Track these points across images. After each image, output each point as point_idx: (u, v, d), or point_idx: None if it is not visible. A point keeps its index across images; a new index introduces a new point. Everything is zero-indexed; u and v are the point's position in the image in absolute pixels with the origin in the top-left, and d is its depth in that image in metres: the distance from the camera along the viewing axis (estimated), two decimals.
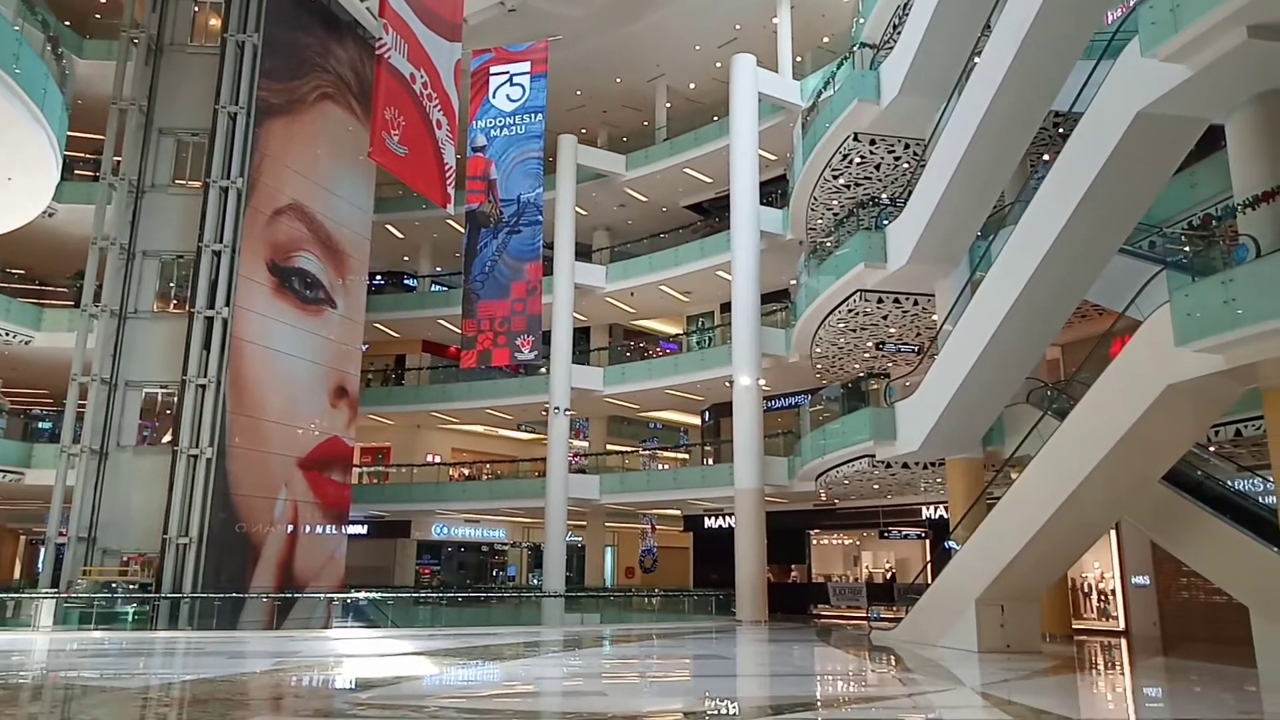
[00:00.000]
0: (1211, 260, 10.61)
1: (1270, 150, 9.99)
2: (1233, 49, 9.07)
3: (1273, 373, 9.75)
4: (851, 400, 20.30)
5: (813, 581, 27.29)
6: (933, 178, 15.64)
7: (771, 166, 26.36)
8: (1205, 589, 16.26)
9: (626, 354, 32.46)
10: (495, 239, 22.94)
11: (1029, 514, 12.51)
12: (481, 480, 32.13)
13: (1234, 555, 11.74)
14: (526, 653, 13.96)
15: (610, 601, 28.45)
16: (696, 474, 27.05)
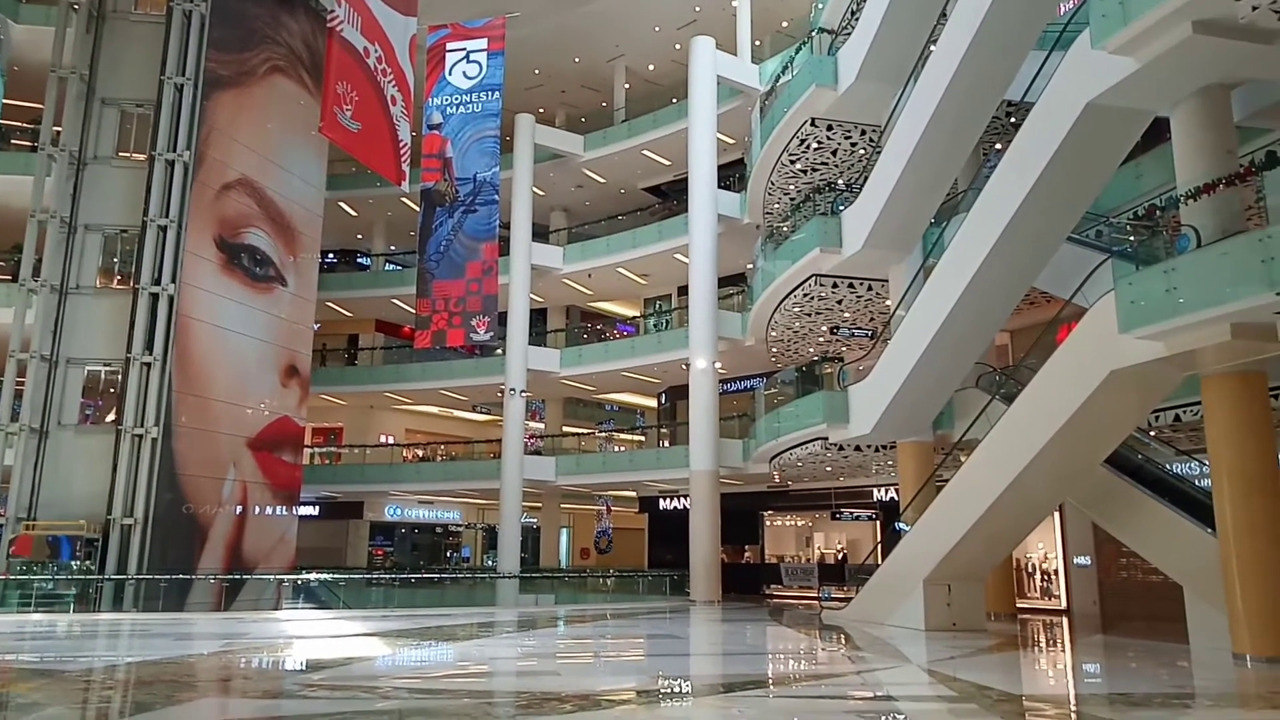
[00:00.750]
0: (1155, 250, 10.89)
1: (1212, 143, 10.27)
2: (1178, 43, 9.29)
3: (1211, 359, 10.07)
4: (806, 384, 20.52)
5: (766, 562, 27.62)
6: (888, 164, 15.80)
7: (730, 150, 26.40)
8: (1143, 569, 16.79)
9: (583, 336, 32.38)
10: (451, 218, 22.65)
11: (976, 496, 12.79)
12: (436, 461, 31.89)
13: (1170, 536, 12.15)
14: (480, 633, 13.94)
15: (565, 582, 28.50)
16: (652, 456, 27.15)
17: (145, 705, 6.85)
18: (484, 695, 7.73)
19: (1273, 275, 8.41)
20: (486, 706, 6.94)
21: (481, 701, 7.20)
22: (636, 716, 6.79)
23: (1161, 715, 7.24)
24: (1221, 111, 10.42)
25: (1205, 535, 11.18)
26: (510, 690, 8.36)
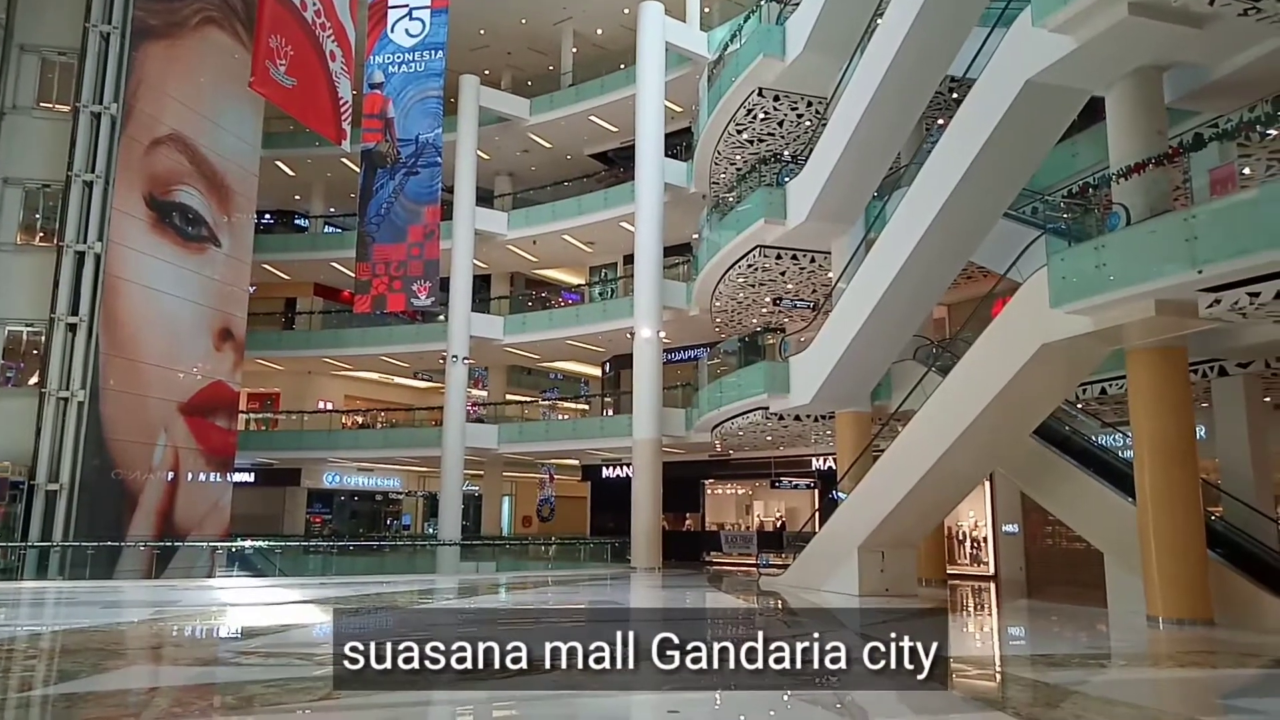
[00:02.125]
0: (1087, 227, 11.18)
1: (1144, 123, 10.55)
2: (1115, 23, 9.49)
3: (1136, 335, 10.42)
4: (748, 354, 20.68)
5: (706, 529, 27.96)
6: (833, 137, 15.89)
7: (678, 118, 26.26)
8: (1067, 536, 17.41)
9: (528, 303, 32.12)
10: (392, 180, 22.13)
11: (911, 465, 13.10)
12: (376, 428, 31.46)
13: (1093, 505, 12.61)
14: (421, 600, 13.89)
15: (506, 550, 28.49)
16: (596, 424, 27.16)
17: (70, 674, 6.69)
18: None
19: (1196, 254, 8.71)
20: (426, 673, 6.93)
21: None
22: (573, 678, 6.85)
23: (1079, 674, 7.56)
24: (1153, 93, 10.70)
25: (1126, 504, 11.63)
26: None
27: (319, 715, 5.47)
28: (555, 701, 5.91)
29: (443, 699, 6.04)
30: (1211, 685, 7.17)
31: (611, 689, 6.48)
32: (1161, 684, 7.27)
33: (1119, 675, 7.71)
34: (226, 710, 5.73)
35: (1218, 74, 10.85)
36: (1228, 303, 8.85)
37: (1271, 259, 8.19)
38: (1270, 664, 8.14)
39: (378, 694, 5.92)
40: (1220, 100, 11.36)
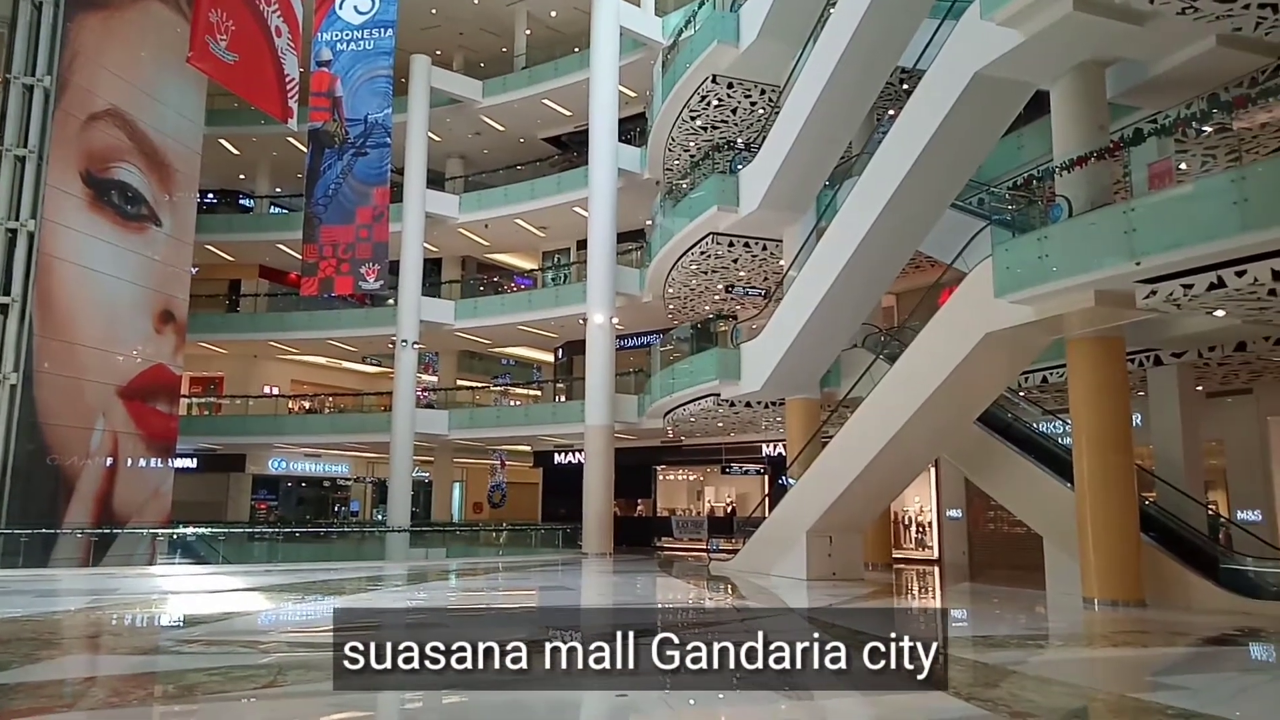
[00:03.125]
0: (1031, 219, 11.42)
1: (1087, 117, 10.80)
2: (1060, 18, 9.69)
3: (1076, 324, 10.69)
4: (700, 341, 20.78)
5: (658, 515, 28.08)
6: (785, 125, 15.97)
7: (632, 103, 26.15)
8: (1008, 521, 17.84)
9: (480, 288, 31.80)
10: (340, 160, 21.71)
11: (859, 451, 13.29)
12: (323, 414, 30.96)
13: (1034, 490, 12.94)
14: (369, 587, 13.74)
15: (457, 536, 28.30)
16: (548, 410, 27.06)
17: (2, 664, 6.49)
18: None
19: (1134, 246, 8.96)
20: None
21: None
22: (521, 665, 6.84)
23: (1018, 655, 7.77)
24: (1096, 88, 10.95)
25: (1064, 490, 11.94)
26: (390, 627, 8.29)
27: (262, 704, 5.38)
28: (504, 693, 5.90)
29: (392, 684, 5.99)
30: (1142, 664, 7.43)
31: (562, 674, 6.50)
32: (1095, 663, 7.51)
33: (1055, 655, 7.94)
34: (166, 699, 5.61)
35: (1157, 70, 11.13)
36: (1163, 294, 9.12)
37: (1205, 252, 8.45)
38: (1197, 642, 8.45)
39: (319, 683, 5.85)
40: (1159, 96, 11.66)
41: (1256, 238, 8.04)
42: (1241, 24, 9.43)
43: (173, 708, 5.44)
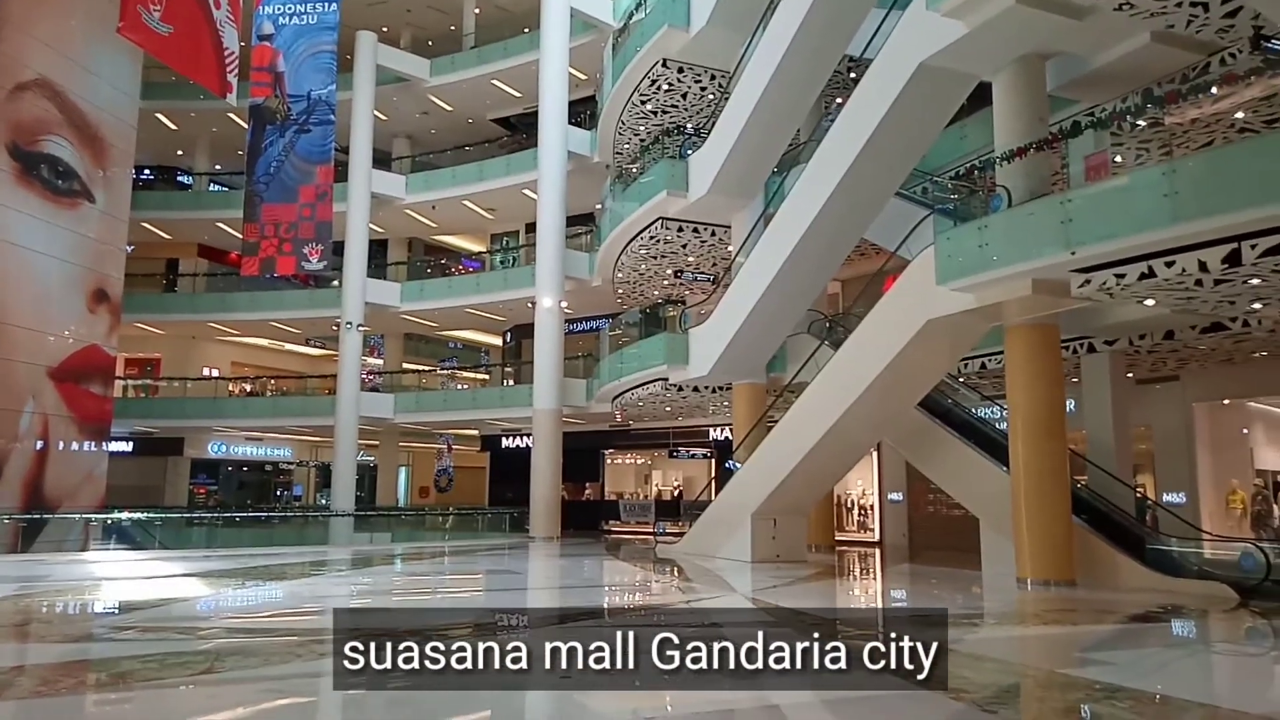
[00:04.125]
0: (972, 208, 11.65)
1: (1028, 109, 11.03)
2: (1003, 10, 9.87)
3: (1014, 312, 10.95)
4: (649, 326, 20.82)
5: (605, 499, 28.15)
6: (735, 111, 16.02)
7: (582, 86, 25.97)
8: (947, 504, 18.26)
9: (427, 270, 31.39)
10: (282, 137, 21.21)
11: (803, 435, 13.47)
12: (265, 396, 30.35)
13: (971, 474, 13.25)
14: (311, 572, 13.56)
15: (402, 521, 28.03)
16: (496, 394, 26.90)
17: None
18: (312, 633, 7.55)
19: (1070, 236, 9.20)
20: (313, 645, 6.79)
21: (308, 639, 7.03)
22: (466, 649, 6.83)
23: (954, 634, 7.97)
24: (1037, 80, 11.19)
25: (1000, 473, 12.26)
26: (340, 627, 8.21)
27: (199, 690, 5.29)
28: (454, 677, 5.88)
29: (329, 668, 5.94)
30: (1071, 641, 7.69)
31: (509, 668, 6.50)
32: (1027, 641, 7.75)
33: (989, 634, 8.17)
34: (99, 688, 5.48)
35: (1095, 65, 11.39)
36: (1097, 283, 9.39)
37: (1136, 243, 8.72)
38: (1124, 620, 8.78)
39: (258, 669, 5.78)
40: (1097, 90, 11.95)
41: (1185, 229, 8.31)
42: (1174, 21, 9.72)
43: (106, 696, 5.32)
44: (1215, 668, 6.92)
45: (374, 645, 4.45)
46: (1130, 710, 4.93)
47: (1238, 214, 7.89)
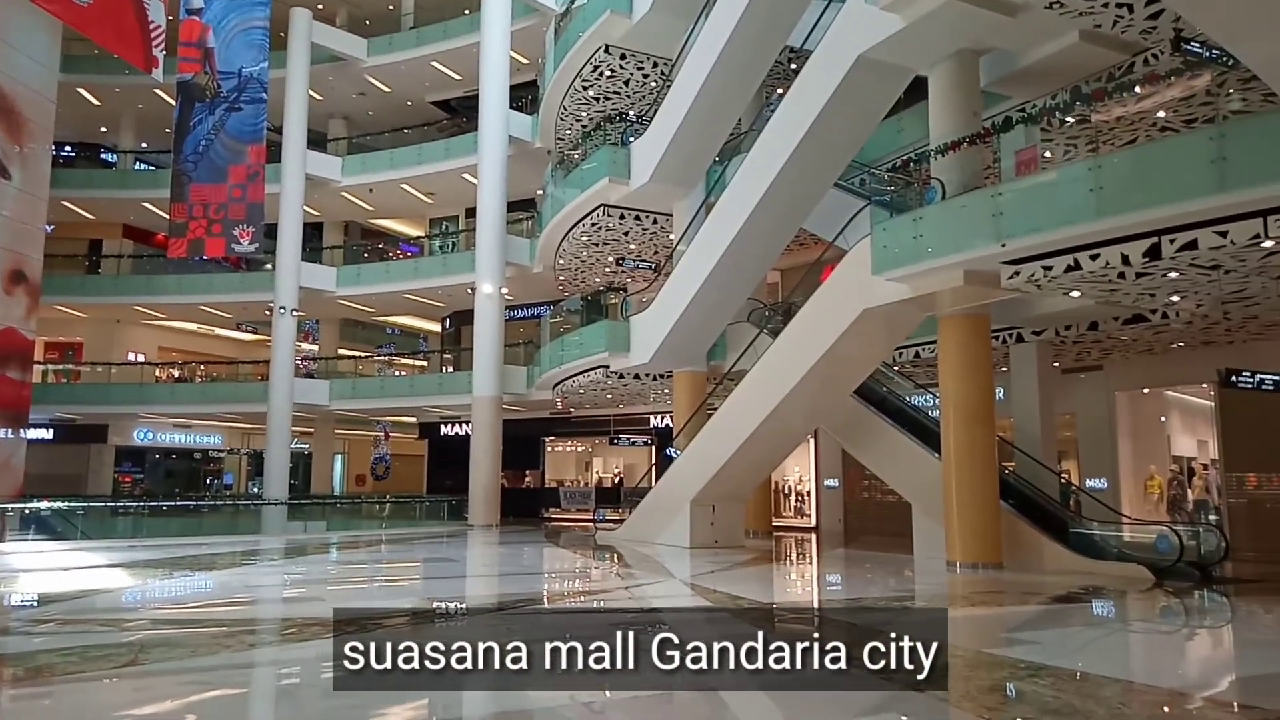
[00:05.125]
0: (908, 200, 11.86)
1: (962, 104, 11.27)
2: (939, 5, 10.05)
3: (946, 302, 11.20)
4: (591, 313, 20.76)
5: (546, 486, 28.06)
6: (677, 100, 16.03)
7: (524, 70, 25.70)
8: (881, 490, 18.65)
9: (364, 254, 30.80)
10: (212, 115, 20.55)
11: (742, 422, 13.61)
12: (195, 382, 29.50)
13: (904, 460, 13.56)
14: (242, 561, 13.26)
15: (338, 509, 27.56)
16: (434, 381, 26.58)
17: None
18: (241, 624, 7.40)
19: (1000, 229, 9.44)
20: (244, 635, 6.65)
21: (237, 630, 6.88)
22: (402, 638, 6.75)
23: (886, 615, 8.16)
24: (971, 76, 11.44)
25: (932, 459, 12.57)
26: (271, 617, 8.05)
27: (122, 683, 5.13)
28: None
29: (259, 659, 5.83)
30: (998, 621, 7.93)
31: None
32: (956, 622, 7.97)
33: (918, 615, 8.37)
34: (14, 683, 5.28)
35: (1027, 62, 11.69)
36: (1025, 275, 9.66)
37: (1063, 236, 8.99)
38: (1047, 601, 9.09)
39: (184, 660, 5.64)
40: (1028, 87, 12.26)
41: (1109, 224, 8.59)
42: (1101, 21, 10.01)
43: (21, 691, 5.12)
44: (1132, 646, 7.21)
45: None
46: (1052, 688, 5.11)
47: (1158, 210, 8.18)
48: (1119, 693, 5.05)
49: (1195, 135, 8.30)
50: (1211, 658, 6.86)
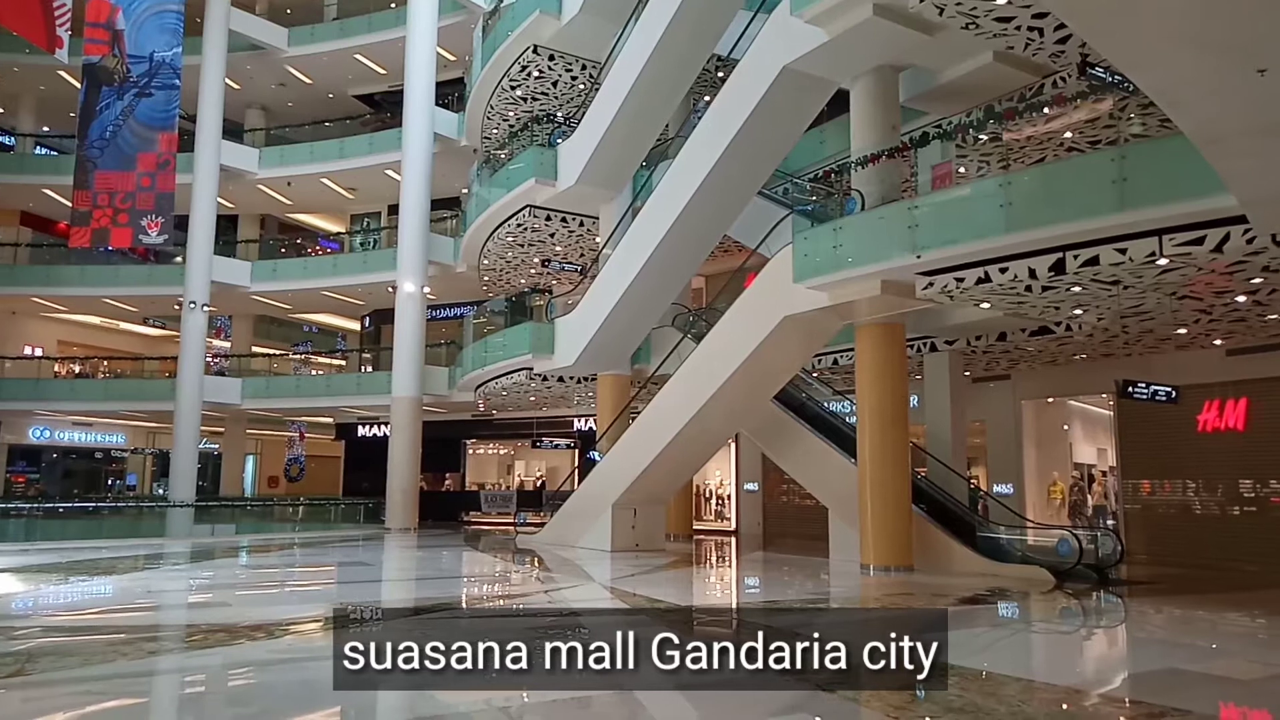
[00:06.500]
0: (829, 210, 12.11)
1: (882, 118, 11.57)
2: (861, 21, 10.31)
3: (864, 311, 11.48)
4: (515, 314, 20.61)
5: (466, 490, 27.73)
6: (604, 103, 16.05)
7: (451, 67, 25.38)
8: (799, 494, 18.98)
9: (281, 249, 29.92)
10: (120, 100, 19.70)
11: (664, 426, 13.69)
12: (97, 378, 28.20)
13: (821, 465, 13.82)
14: (145, 566, 12.73)
15: (249, 512, 26.72)
16: (352, 381, 26.00)
17: None
18: (141, 630, 7.09)
19: (916, 241, 9.72)
20: (143, 642, 6.38)
21: (136, 637, 6.60)
22: (313, 643, 6.58)
23: (801, 619, 8.30)
24: (891, 91, 11.75)
25: (848, 464, 12.85)
26: (174, 624, 7.75)
27: (6, 695, 4.86)
28: (293, 667, 5.65)
29: (161, 666, 5.59)
30: (906, 623, 8.14)
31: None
32: (868, 624, 8.14)
33: (833, 618, 8.55)
34: None
35: (944, 79, 12.06)
36: (939, 286, 9.96)
37: (975, 249, 9.30)
38: (955, 602, 9.36)
39: (76, 669, 5.37)
40: (945, 104, 12.66)
41: (1018, 239, 8.93)
42: (1014, 43, 10.40)
43: None
44: (1033, 645, 7.49)
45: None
46: (957, 687, 5.27)
47: (1063, 226, 8.54)
48: (1020, 691, 5.24)
49: (1098, 156, 8.69)
50: (1106, 656, 7.18)
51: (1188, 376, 13.44)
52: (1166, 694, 5.26)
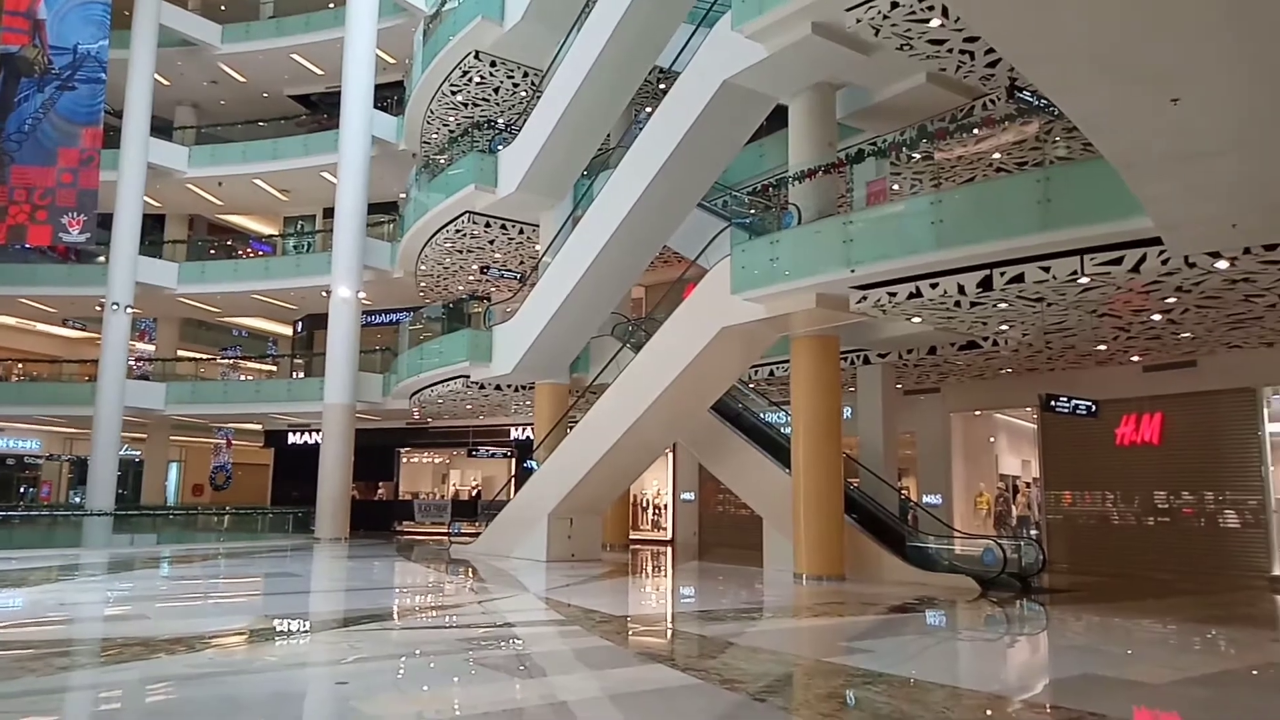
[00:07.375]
0: (767, 223, 12.27)
1: (819, 134, 11.79)
2: (800, 39, 10.51)
3: (800, 323, 11.65)
4: (452, 321, 20.36)
5: (400, 499, 27.28)
6: (546, 111, 16.02)
7: (390, 70, 25.07)
8: (735, 504, 19.13)
9: (210, 250, 29.10)
10: (41, 93, 18.97)
11: (602, 435, 13.68)
12: (10, 381, 27.04)
13: (757, 475, 13.96)
14: (58, 577, 12.20)
15: (171, 521, 25.87)
16: (283, 387, 25.42)
17: None
18: (51, 645, 6.80)
19: (850, 255, 9.91)
20: (54, 657, 6.11)
21: (48, 652, 6.32)
22: (234, 657, 6.39)
23: (735, 627, 8.37)
24: (828, 108, 11.98)
25: (783, 475, 12.99)
26: (88, 638, 7.45)
27: None
28: (214, 682, 5.47)
29: (73, 683, 5.36)
30: (838, 631, 8.26)
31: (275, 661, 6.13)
32: (800, 632, 8.25)
33: (766, 626, 8.63)
34: None
35: (879, 98, 12.34)
36: (872, 300, 10.16)
37: (907, 264, 9.52)
38: (884, 611, 9.54)
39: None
40: (881, 121, 12.95)
41: (948, 255, 9.17)
42: (946, 65, 10.71)
43: None
44: (959, 653, 7.66)
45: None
46: (885, 694, 5.36)
47: (990, 244, 8.79)
48: (945, 697, 5.35)
49: (1024, 177, 8.97)
50: (1028, 663, 7.38)
51: (1107, 391, 13.96)
52: (1084, 699, 5.43)
